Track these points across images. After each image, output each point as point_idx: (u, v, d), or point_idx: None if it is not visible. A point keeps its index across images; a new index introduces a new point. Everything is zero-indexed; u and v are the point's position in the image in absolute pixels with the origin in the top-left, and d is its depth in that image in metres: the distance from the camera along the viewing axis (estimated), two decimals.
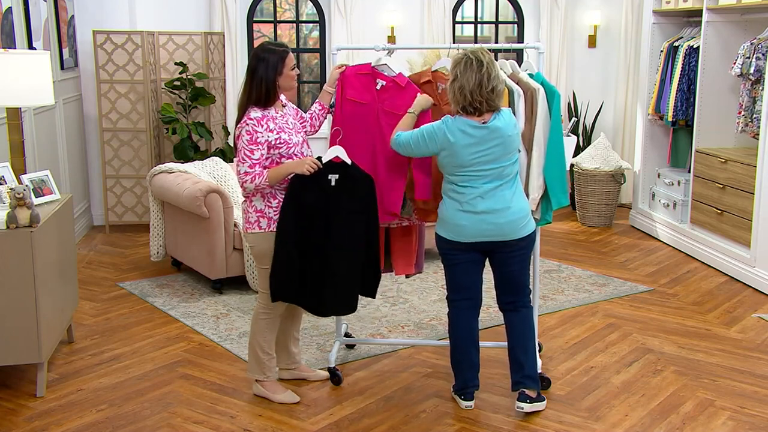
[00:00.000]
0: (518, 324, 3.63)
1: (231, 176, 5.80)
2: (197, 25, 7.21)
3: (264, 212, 3.54)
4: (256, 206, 3.55)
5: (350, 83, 3.82)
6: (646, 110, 6.88)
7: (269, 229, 3.54)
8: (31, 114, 5.48)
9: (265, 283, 3.62)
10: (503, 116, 3.41)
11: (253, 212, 3.56)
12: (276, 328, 3.71)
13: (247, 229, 3.60)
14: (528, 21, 7.89)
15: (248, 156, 3.43)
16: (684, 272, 5.77)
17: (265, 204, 3.54)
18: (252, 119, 3.45)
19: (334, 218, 3.55)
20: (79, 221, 6.68)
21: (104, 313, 4.91)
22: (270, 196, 3.54)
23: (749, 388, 3.87)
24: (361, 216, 3.59)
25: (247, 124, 3.45)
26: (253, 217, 3.56)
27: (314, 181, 3.51)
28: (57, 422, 3.52)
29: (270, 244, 3.54)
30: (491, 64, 3.38)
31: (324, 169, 3.53)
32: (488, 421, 3.53)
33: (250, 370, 3.75)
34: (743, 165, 5.50)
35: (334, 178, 3.55)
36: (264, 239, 3.55)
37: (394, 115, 3.71)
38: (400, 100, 3.74)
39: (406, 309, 4.98)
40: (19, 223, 3.61)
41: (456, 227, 3.46)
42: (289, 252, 3.51)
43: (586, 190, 7.09)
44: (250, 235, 3.59)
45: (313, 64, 8.23)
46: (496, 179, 3.42)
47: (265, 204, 3.54)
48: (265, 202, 3.54)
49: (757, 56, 5.42)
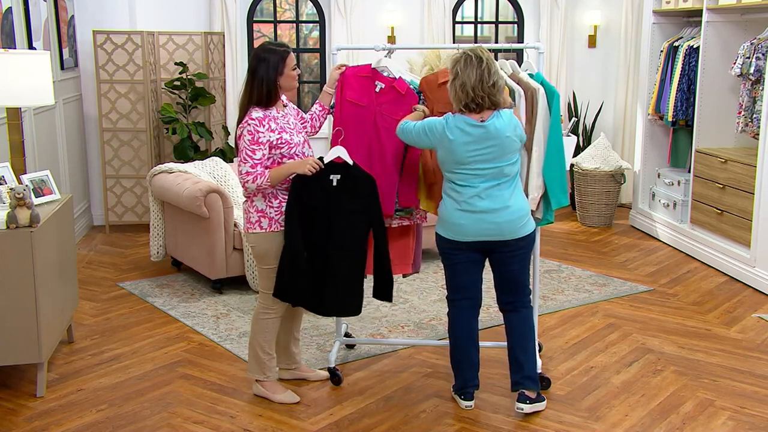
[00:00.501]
0: (518, 324, 3.63)
1: (231, 176, 5.80)
2: (197, 25, 7.21)
3: (265, 212, 3.54)
4: (257, 206, 3.55)
5: (350, 84, 3.82)
6: (646, 110, 6.88)
7: (270, 229, 3.54)
8: (31, 114, 5.48)
9: (265, 283, 3.62)
10: (503, 116, 3.41)
11: (254, 212, 3.56)
12: (276, 328, 3.71)
13: (248, 229, 3.60)
14: (528, 21, 7.89)
15: (250, 156, 3.43)
16: (684, 272, 5.77)
17: (267, 204, 3.54)
18: (254, 119, 3.45)
19: (335, 218, 3.55)
20: (79, 221, 6.69)
21: (104, 313, 4.91)
22: (271, 197, 3.54)
23: (749, 388, 3.87)
24: (363, 216, 3.59)
25: (249, 124, 3.45)
26: (254, 217, 3.56)
27: (316, 181, 3.51)
28: (57, 422, 3.52)
29: (271, 244, 3.54)
30: (490, 60, 3.40)
31: (326, 169, 3.54)
32: (488, 421, 3.53)
33: (250, 370, 3.75)
34: (743, 165, 5.50)
35: (336, 178, 3.56)
36: (265, 239, 3.55)
37: (392, 119, 3.73)
38: (398, 106, 3.76)
39: (406, 309, 4.98)
40: (19, 223, 3.61)
41: (455, 226, 3.46)
42: (297, 253, 3.52)
43: (586, 190, 7.09)
44: (251, 235, 3.59)
45: (313, 64, 8.23)
46: (494, 178, 3.42)
47: (266, 204, 3.54)
48: (266, 202, 3.54)
49: (757, 56, 5.42)
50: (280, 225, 3.54)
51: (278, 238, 3.55)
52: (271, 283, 3.60)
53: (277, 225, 3.54)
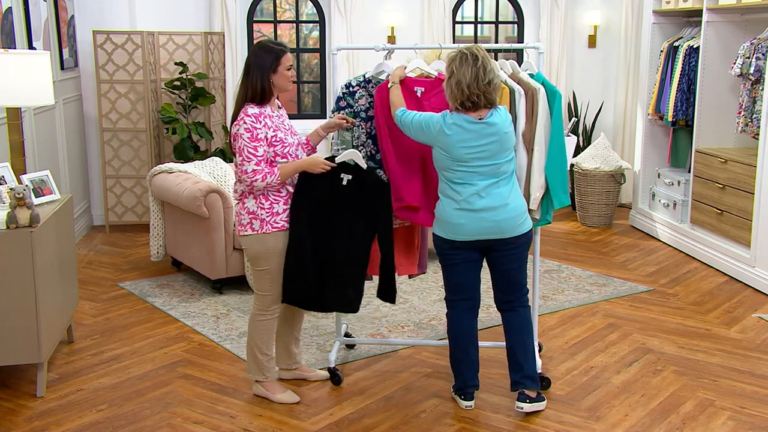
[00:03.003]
0: (516, 323, 3.62)
1: (231, 176, 5.80)
2: (197, 25, 7.21)
3: (256, 214, 3.51)
4: (248, 208, 3.53)
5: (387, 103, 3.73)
6: (646, 110, 6.88)
7: (262, 231, 3.51)
8: (31, 114, 5.48)
9: (261, 284, 3.61)
10: (500, 113, 3.43)
11: (245, 214, 3.53)
12: (274, 329, 3.70)
13: (239, 231, 3.58)
14: (528, 21, 7.89)
15: (252, 154, 3.42)
16: (684, 272, 5.77)
17: (258, 206, 3.51)
18: (249, 116, 3.44)
19: (340, 216, 3.57)
20: (79, 221, 6.69)
21: (104, 313, 4.91)
22: (262, 198, 3.51)
23: (749, 388, 3.87)
24: (369, 220, 3.61)
25: (245, 121, 3.43)
26: (245, 219, 3.54)
27: (326, 178, 3.54)
28: (57, 422, 3.52)
29: (263, 245, 3.53)
30: (486, 58, 3.41)
31: (337, 168, 3.56)
32: (488, 421, 3.53)
33: (249, 370, 3.75)
34: (743, 165, 5.50)
35: (347, 177, 3.59)
36: (257, 241, 3.53)
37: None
38: (442, 95, 3.66)
39: (406, 309, 4.98)
40: (19, 223, 3.61)
41: (454, 226, 3.46)
42: (302, 253, 3.53)
43: (586, 190, 7.09)
44: (243, 237, 3.56)
45: (313, 64, 8.23)
46: (492, 176, 3.42)
47: (257, 206, 3.51)
48: (257, 203, 3.51)
49: (757, 56, 5.42)
50: (272, 226, 3.52)
51: (270, 239, 3.53)
52: (265, 285, 3.59)
53: (269, 226, 3.52)
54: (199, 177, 5.46)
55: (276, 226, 3.53)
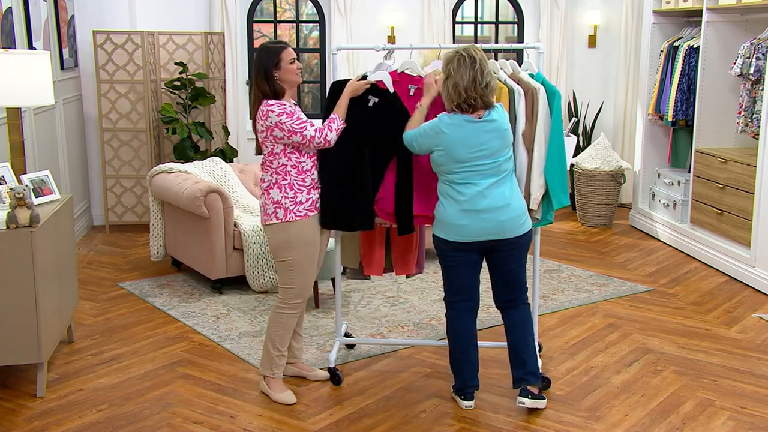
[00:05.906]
0: (518, 320, 3.62)
1: (231, 176, 5.80)
2: (197, 25, 7.21)
3: (281, 203, 3.56)
4: (273, 198, 3.57)
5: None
6: (646, 110, 6.88)
7: (285, 219, 3.55)
8: (31, 114, 5.48)
9: (283, 276, 3.64)
10: (498, 111, 3.44)
11: (270, 204, 3.58)
12: (292, 326, 3.71)
13: (264, 221, 3.62)
14: (528, 21, 7.89)
15: (301, 121, 3.51)
16: (684, 272, 5.77)
17: (282, 195, 3.56)
18: (272, 103, 3.51)
19: (365, 136, 3.64)
20: (79, 221, 6.69)
21: (104, 313, 4.91)
22: (287, 187, 3.56)
23: (749, 388, 3.87)
24: (391, 145, 3.66)
25: (272, 109, 3.49)
26: (270, 209, 3.59)
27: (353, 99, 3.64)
28: (57, 422, 3.52)
29: (286, 234, 3.57)
30: (483, 60, 3.40)
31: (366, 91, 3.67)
32: (488, 421, 3.53)
33: (263, 366, 3.76)
34: (743, 165, 5.50)
35: (374, 100, 3.65)
36: (280, 230, 3.57)
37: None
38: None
39: (406, 309, 4.98)
40: (19, 223, 3.61)
41: (457, 228, 3.45)
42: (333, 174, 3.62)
43: (586, 190, 7.09)
44: (267, 227, 3.61)
45: (313, 64, 8.23)
46: (494, 175, 3.42)
47: (282, 195, 3.56)
48: (282, 192, 3.56)
49: (757, 56, 5.42)
50: (295, 215, 3.56)
51: (293, 228, 3.56)
52: (287, 278, 3.62)
53: (292, 215, 3.55)
54: (199, 177, 5.47)
55: (299, 215, 3.56)
